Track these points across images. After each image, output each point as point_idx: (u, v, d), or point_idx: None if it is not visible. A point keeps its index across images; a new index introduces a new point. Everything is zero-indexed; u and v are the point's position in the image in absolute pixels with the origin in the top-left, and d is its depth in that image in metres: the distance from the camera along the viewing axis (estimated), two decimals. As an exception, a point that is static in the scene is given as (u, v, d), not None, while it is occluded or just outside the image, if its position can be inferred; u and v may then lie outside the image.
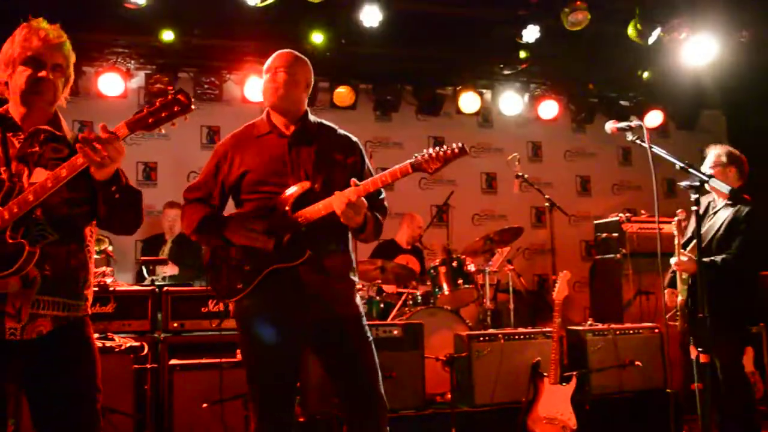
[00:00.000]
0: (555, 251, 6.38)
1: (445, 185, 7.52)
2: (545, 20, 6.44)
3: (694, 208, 2.77)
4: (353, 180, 2.57)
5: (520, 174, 6.28)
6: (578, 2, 6.20)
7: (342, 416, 2.81)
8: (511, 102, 7.83)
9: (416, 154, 2.55)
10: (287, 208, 2.64)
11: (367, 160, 2.90)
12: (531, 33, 6.44)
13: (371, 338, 2.77)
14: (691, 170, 2.74)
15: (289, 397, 2.75)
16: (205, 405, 4.19)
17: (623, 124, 3.13)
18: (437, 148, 2.53)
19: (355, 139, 2.92)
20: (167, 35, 6.19)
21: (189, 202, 2.88)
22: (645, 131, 2.96)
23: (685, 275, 3.97)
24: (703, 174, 2.69)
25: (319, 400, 4.37)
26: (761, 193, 7.67)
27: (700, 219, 3.52)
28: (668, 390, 4.89)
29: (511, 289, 5.99)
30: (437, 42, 6.71)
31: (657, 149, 2.90)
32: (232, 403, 4.20)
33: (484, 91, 7.82)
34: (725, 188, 2.61)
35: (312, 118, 2.87)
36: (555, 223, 6.46)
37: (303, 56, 2.90)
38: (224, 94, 7.19)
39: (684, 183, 2.83)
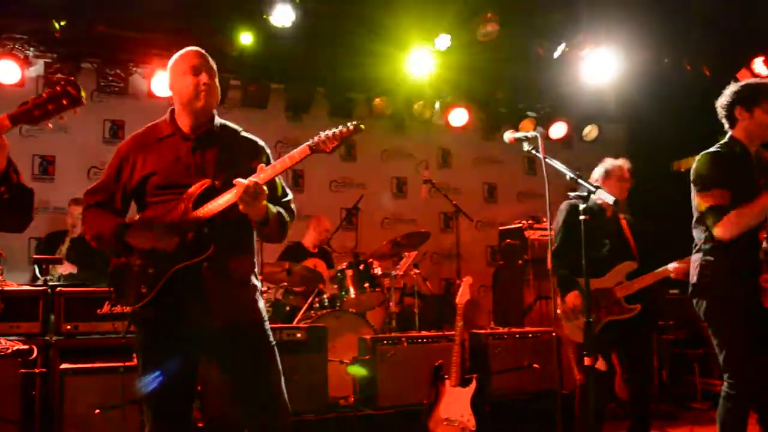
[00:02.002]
0: (461, 256, 6.53)
1: (356, 188, 7.57)
2: (457, 29, 6.58)
3: (582, 217, 2.89)
4: (260, 165, 2.54)
5: (428, 179, 6.38)
6: (489, 15, 6.38)
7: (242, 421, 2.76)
8: (422, 108, 7.93)
9: (313, 137, 2.54)
10: (189, 205, 2.59)
11: (273, 162, 2.86)
12: (443, 41, 6.57)
13: (274, 343, 2.74)
14: (579, 181, 2.86)
15: (185, 404, 2.69)
16: (97, 411, 4.02)
17: (520, 135, 3.23)
18: (334, 129, 2.53)
19: (261, 142, 2.87)
20: (60, 24, 5.93)
21: (90, 206, 2.78)
22: (540, 142, 3.07)
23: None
24: (591, 184, 2.82)
25: (219, 405, 4.30)
26: (658, 202, 8.15)
27: (589, 227, 3.72)
28: (564, 392, 5.07)
29: (416, 292, 6.06)
30: (350, 45, 6.73)
31: (550, 160, 3.01)
32: (128, 409, 4.05)
33: (395, 96, 7.89)
34: (610, 199, 2.74)
35: (216, 119, 2.81)
36: (461, 228, 6.62)
37: None
38: (130, 88, 6.93)
39: (573, 193, 2.96)
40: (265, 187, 2.53)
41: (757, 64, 7.02)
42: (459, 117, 8.09)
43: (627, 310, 4.13)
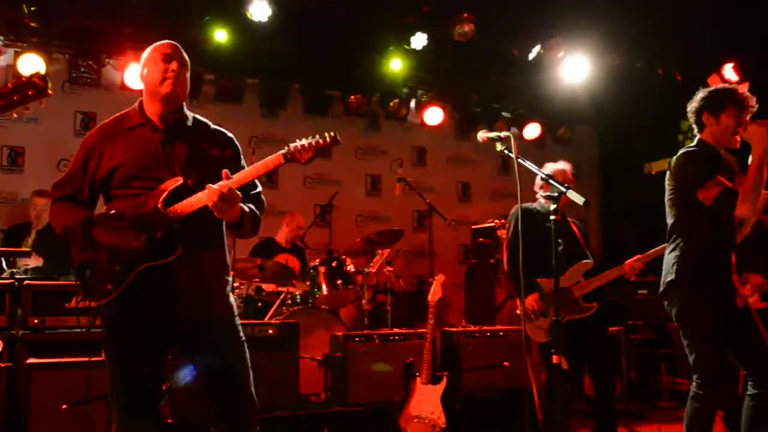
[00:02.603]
0: (434, 254, 6.56)
1: (330, 185, 7.55)
2: (433, 28, 6.61)
3: (552, 217, 2.92)
4: (225, 172, 2.50)
5: (402, 177, 6.40)
6: (465, 15, 6.42)
7: (211, 417, 2.73)
8: (397, 106, 7.95)
9: (289, 144, 2.52)
10: (159, 203, 2.54)
11: (242, 156, 2.84)
12: (419, 40, 6.59)
13: (244, 338, 2.71)
14: (550, 181, 2.90)
15: (151, 401, 2.66)
16: (64, 406, 3.97)
17: (493, 134, 3.25)
18: (309, 138, 2.51)
19: (230, 134, 2.84)
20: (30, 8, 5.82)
21: (57, 199, 2.72)
22: (513, 142, 3.09)
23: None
24: (561, 185, 2.85)
25: (188, 401, 4.26)
26: (629, 203, 8.23)
27: (540, 229, 3.79)
28: (536, 388, 5.12)
29: (389, 290, 6.07)
30: (327, 42, 6.72)
31: (522, 160, 3.04)
32: (96, 404, 4.00)
33: (371, 94, 7.89)
34: (580, 199, 2.77)
35: (186, 112, 2.77)
36: (435, 226, 6.64)
37: None
38: (102, 79, 6.86)
39: (544, 193, 2.99)
40: (238, 192, 2.50)
41: (727, 70, 7.16)
42: (434, 116, 8.13)
43: (585, 308, 4.20)
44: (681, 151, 3.34)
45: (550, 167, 4.25)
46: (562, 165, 4.32)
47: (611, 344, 4.44)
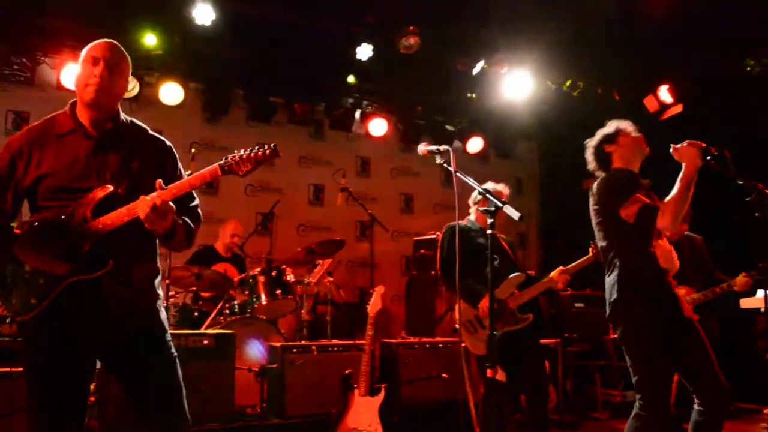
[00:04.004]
0: (375, 265, 6.55)
1: (272, 194, 7.47)
2: (379, 40, 6.63)
3: (489, 231, 2.94)
4: (159, 182, 2.40)
5: (345, 187, 6.39)
6: (411, 28, 6.47)
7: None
8: (342, 116, 7.94)
9: (226, 156, 2.45)
10: (87, 214, 2.42)
11: (179, 165, 2.74)
12: (364, 51, 6.60)
13: (175, 354, 2.59)
14: (488, 196, 2.92)
15: (72, 416, 2.50)
16: (-17, 419, 3.79)
17: (433, 148, 3.28)
18: (249, 150, 2.44)
19: (168, 142, 2.73)
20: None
21: None
22: (452, 156, 3.11)
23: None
24: (498, 200, 2.88)
25: (117, 414, 4.12)
26: (568, 218, 8.35)
27: (473, 246, 3.83)
28: (474, 401, 5.14)
29: (329, 301, 6.03)
30: (272, 48, 6.66)
31: (462, 174, 3.07)
32: (19, 417, 3.82)
33: (316, 103, 7.85)
34: (516, 215, 2.79)
35: (123, 116, 2.65)
36: (377, 237, 6.64)
37: (123, 48, 2.63)
38: (36, 78, 6.64)
39: (482, 208, 3.01)
40: (171, 203, 2.41)
41: (662, 91, 7.40)
42: (378, 127, 8.16)
43: (521, 319, 4.27)
44: (600, 177, 3.46)
45: (490, 186, 4.30)
46: (502, 186, 4.39)
47: (544, 356, 4.50)
